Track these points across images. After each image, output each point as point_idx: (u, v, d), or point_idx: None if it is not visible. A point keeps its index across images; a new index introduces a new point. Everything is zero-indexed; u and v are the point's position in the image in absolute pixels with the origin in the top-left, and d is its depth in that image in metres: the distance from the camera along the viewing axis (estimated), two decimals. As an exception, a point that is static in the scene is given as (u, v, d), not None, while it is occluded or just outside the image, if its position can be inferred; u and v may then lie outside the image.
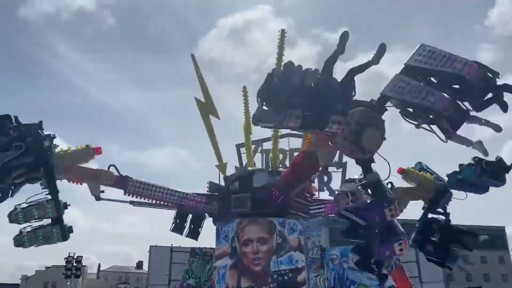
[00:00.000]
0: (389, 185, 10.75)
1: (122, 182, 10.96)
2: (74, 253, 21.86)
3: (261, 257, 10.93)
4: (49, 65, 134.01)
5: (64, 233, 9.64)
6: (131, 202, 11.29)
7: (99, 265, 78.16)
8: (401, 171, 10.57)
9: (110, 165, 11.00)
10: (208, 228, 12.32)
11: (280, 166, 20.10)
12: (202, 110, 12.77)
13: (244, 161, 23.33)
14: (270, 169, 13.57)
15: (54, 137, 9.69)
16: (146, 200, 11.19)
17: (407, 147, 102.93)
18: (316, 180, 20.95)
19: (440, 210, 10.23)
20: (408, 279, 17.23)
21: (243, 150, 23.94)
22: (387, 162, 8.26)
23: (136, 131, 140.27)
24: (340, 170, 25.15)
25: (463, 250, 10.14)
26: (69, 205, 9.77)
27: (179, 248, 19.05)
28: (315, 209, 12.02)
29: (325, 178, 24.42)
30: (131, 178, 11.06)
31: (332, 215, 11.89)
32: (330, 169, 25.45)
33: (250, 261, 10.94)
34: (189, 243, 21.58)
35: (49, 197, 9.57)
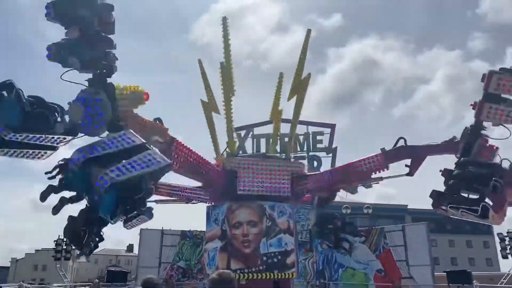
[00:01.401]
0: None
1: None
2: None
3: (251, 239, 11.06)
4: (39, 49, 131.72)
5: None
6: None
7: (89, 248, 78.25)
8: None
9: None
10: (199, 211, 12.43)
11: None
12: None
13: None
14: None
15: None
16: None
17: (398, 133, 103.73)
18: (305, 164, 21.10)
19: None
20: (396, 263, 17.52)
21: (234, 135, 24.03)
22: None
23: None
24: (330, 155, 25.51)
25: None
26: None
27: (170, 231, 19.12)
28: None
29: (315, 162, 24.62)
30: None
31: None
32: (320, 154, 25.69)
33: (240, 244, 11.06)
34: (180, 226, 21.71)
35: None
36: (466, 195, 8.63)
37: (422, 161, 10.60)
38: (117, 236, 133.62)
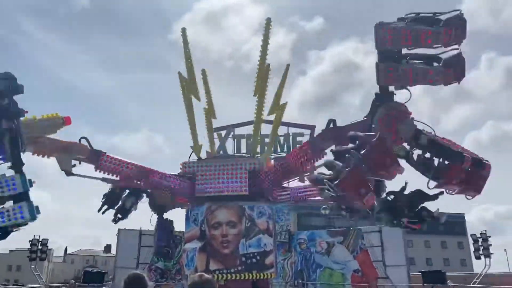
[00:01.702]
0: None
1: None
2: (39, 236, 21.40)
3: (230, 240, 11.07)
4: (17, 44, 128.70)
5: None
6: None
7: (66, 248, 77.08)
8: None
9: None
10: (178, 211, 12.37)
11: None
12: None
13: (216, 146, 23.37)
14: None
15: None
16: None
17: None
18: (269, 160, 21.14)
19: None
20: (372, 263, 17.81)
21: (215, 135, 23.98)
22: None
23: (108, 114, 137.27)
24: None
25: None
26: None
27: (148, 232, 18.95)
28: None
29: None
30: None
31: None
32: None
33: (219, 244, 11.06)
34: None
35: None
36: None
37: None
38: (94, 236, 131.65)
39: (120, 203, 11.09)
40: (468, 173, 7.56)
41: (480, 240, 21.58)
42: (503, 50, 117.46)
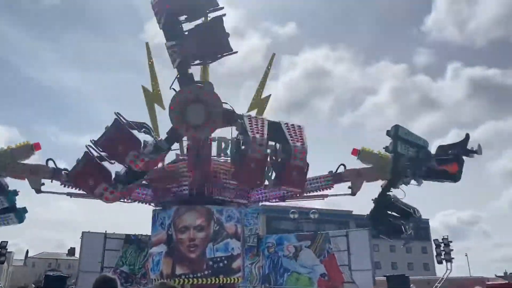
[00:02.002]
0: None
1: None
2: (-2, 238, 20.53)
3: (197, 244, 10.96)
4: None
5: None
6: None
7: (27, 251, 74.33)
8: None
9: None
10: (145, 215, 12.17)
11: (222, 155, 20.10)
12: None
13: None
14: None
15: None
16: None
17: (346, 140, 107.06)
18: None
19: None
20: (339, 267, 17.98)
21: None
22: None
23: (76, 113, 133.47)
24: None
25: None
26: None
27: (113, 235, 18.51)
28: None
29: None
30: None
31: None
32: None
33: (186, 248, 10.93)
34: (124, 229, 21.11)
35: None
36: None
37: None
38: (58, 239, 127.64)
39: None
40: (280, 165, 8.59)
41: (442, 245, 22.18)
42: (467, 61, 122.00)
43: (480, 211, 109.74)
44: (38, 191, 11.18)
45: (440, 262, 22.29)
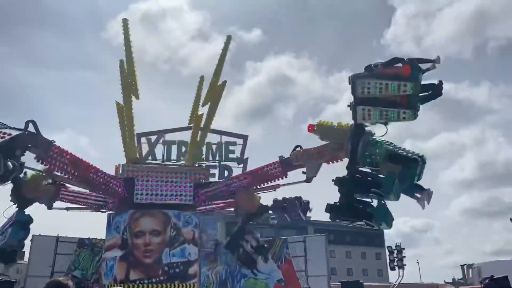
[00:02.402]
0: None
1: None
2: None
3: (153, 249, 10.79)
4: None
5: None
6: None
7: (-29, 255, 70.35)
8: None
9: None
10: (99, 219, 11.83)
11: (182, 159, 19.94)
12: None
13: (145, 151, 22.73)
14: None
15: None
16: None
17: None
18: (217, 173, 21.09)
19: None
20: (296, 273, 18.17)
21: (144, 140, 23.33)
22: None
23: (29, 111, 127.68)
24: (241, 165, 25.90)
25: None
26: None
27: (66, 238, 17.82)
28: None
29: (226, 172, 24.79)
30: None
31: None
32: (231, 164, 25.95)
33: (141, 253, 10.73)
34: (77, 233, 20.43)
35: None
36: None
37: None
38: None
39: None
40: None
41: (395, 251, 22.92)
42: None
43: (432, 219, 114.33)
44: None
45: (393, 269, 23.02)
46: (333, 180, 8.70)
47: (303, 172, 10.39)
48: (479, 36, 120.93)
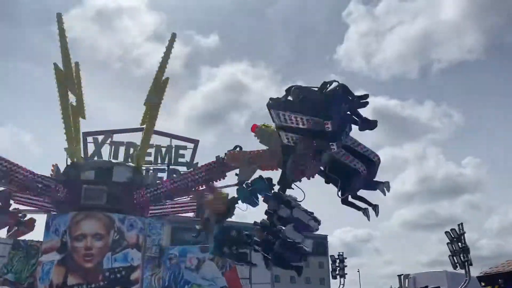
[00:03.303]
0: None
1: None
2: None
3: (94, 253, 10.44)
4: None
5: None
6: None
7: None
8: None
9: None
10: (37, 220, 11.28)
11: (129, 160, 19.49)
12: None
13: (90, 151, 21.95)
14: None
15: None
16: None
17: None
18: (165, 177, 20.75)
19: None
20: (240, 280, 18.22)
21: (90, 139, 22.53)
22: None
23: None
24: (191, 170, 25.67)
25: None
26: None
27: (0, 239, 16.90)
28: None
29: (175, 176, 24.47)
30: None
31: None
32: (181, 168, 25.64)
33: (81, 257, 10.35)
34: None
35: None
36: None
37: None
38: None
39: None
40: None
41: (338, 261, 23.61)
42: (372, 91, 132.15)
43: (374, 230, 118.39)
44: None
45: (335, 277, 23.71)
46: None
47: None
48: (425, 58, 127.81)
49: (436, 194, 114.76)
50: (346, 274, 23.65)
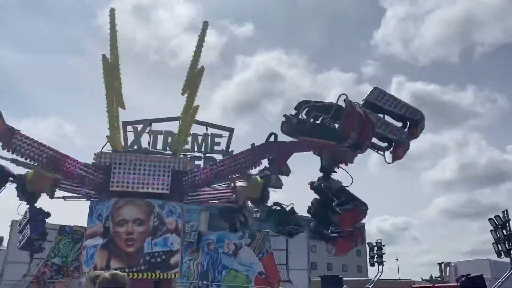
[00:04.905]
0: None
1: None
2: None
3: (135, 238, 10.69)
4: None
5: None
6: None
7: None
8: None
9: None
10: (81, 206, 11.68)
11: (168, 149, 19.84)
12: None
13: (130, 140, 22.57)
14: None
15: None
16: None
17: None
18: (201, 165, 21.08)
19: None
20: (276, 266, 18.36)
21: (130, 128, 23.15)
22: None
23: (14, 95, 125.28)
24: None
25: None
26: None
27: (47, 225, 17.67)
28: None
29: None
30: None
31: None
32: (217, 156, 25.96)
33: (123, 242, 10.63)
34: (59, 220, 20.26)
35: None
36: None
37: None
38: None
39: None
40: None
41: (375, 248, 23.27)
42: (410, 76, 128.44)
43: (412, 218, 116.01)
44: None
45: (372, 265, 23.38)
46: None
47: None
48: (466, 41, 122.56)
49: (477, 181, 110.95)
50: (384, 261, 23.28)
